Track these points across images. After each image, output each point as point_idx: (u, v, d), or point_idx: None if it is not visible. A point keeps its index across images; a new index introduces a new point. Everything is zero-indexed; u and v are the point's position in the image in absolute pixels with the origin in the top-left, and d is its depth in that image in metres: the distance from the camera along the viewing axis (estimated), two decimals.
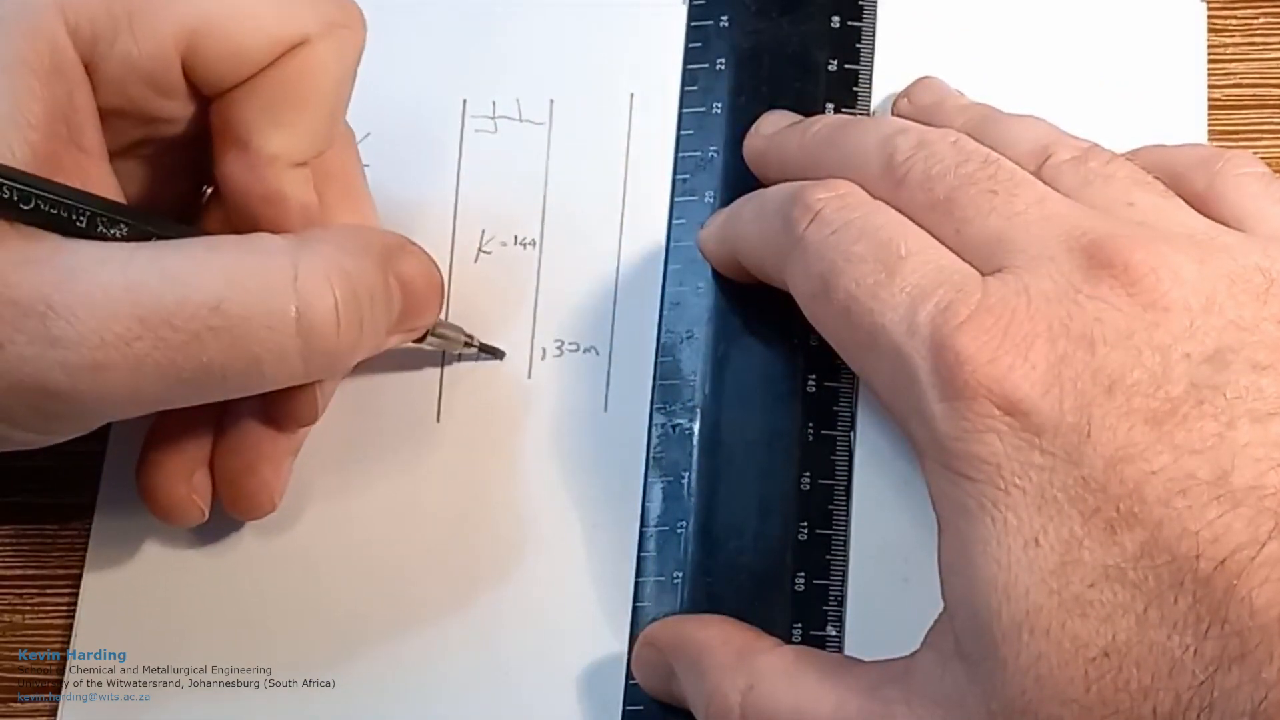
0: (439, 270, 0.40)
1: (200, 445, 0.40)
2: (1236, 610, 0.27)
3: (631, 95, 0.45)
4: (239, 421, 0.39)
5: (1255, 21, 0.45)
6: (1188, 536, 0.28)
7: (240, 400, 0.38)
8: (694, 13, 0.46)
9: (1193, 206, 0.35)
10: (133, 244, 0.34)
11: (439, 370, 0.43)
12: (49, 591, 0.42)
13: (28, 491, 0.43)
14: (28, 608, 0.42)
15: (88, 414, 0.35)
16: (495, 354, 0.43)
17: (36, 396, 0.33)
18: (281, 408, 0.39)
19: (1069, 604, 0.29)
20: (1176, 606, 0.28)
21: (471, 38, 0.46)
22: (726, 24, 0.45)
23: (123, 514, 0.42)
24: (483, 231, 0.45)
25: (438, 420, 0.43)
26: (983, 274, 0.33)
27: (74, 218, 0.34)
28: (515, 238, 0.45)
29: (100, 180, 0.35)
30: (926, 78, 0.43)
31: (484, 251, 0.44)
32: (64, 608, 0.42)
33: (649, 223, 0.44)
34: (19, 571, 0.43)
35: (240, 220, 0.37)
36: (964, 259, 0.33)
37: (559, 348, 0.43)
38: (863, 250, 0.34)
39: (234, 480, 0.39)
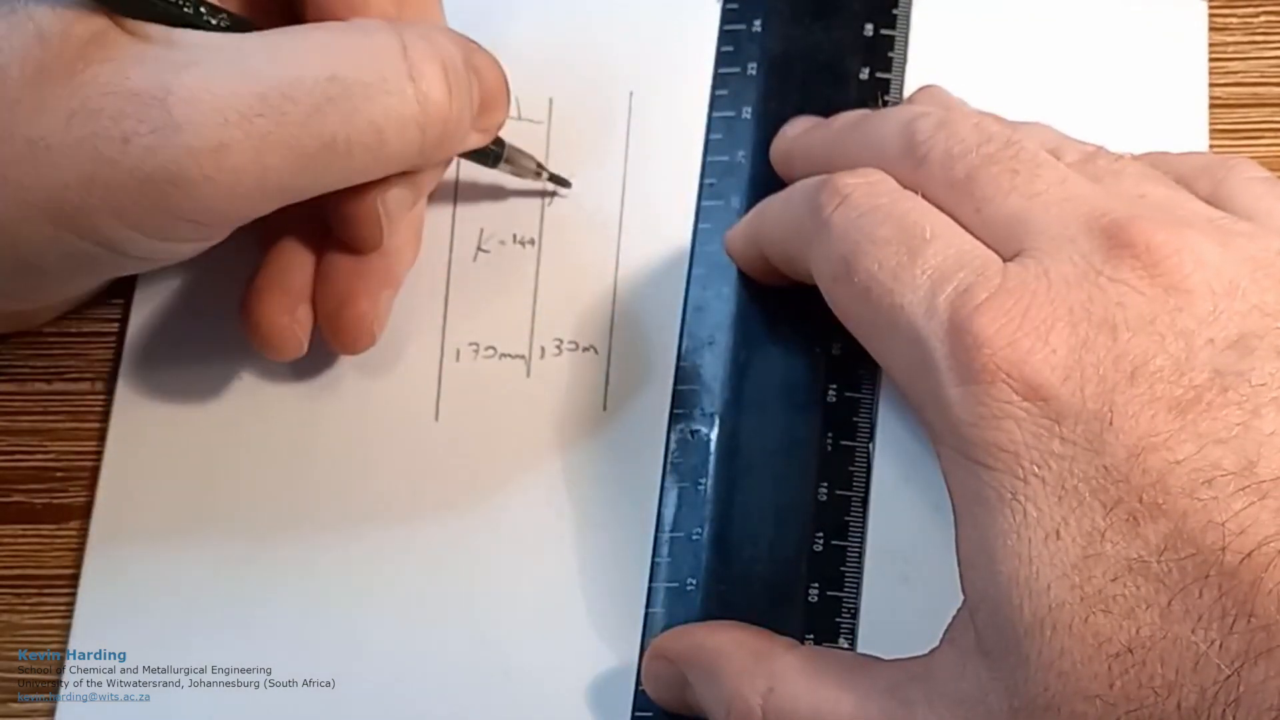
0: (504, 71, 0.41)
1: (303, 282, 0.41)
2: (1263, 603, 0.27)
3: (630, 94, 0.45)
4: (333, 257, 0.41)
5: (1255, 20, 0.45)
6: (1213, 528, 0.27)
7: (333, 236, 0.40)
8: (727, 16, 0.45)
9: None
10: (239, 33, 0.35)
11: (437, 369, 0.43)
12: (47, 591, 0.42)
13: (27, 491, 0.43)
14: (26, 607, 0.42)
15: (216, 209, 0.35)
16: (563, 184, 0.44)
17: (164, 190, 0.34)
18: (350, 229, 0.40)
19: (1091, 599, 0.28)
20: (1201, 600, 0.27)
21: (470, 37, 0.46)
22: (760, 29, 0.45)
23: (121, 514, 0.42)
24: (481, 230, 0.44)
25: (436, 419, 0.43)
26: (1003, 256, 0.32)
27: (181, 4, 0.35)
28: (514, 236, 0.44)
29: None
30: (929, 87, 0.43)
31: (483, 250, 0.44)
32: (63, 607, 0.41)
33: (649, 221, 0.44)
34: (17, 571, 0.42)
35: None
36: (984, 240, 0.33)
37: (558, 346, 0.43)
38: (888, 233, 0.34)
39: (332, 313, 0.41)
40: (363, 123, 0.35)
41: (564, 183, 0.44)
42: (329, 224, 0.40)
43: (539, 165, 0.44)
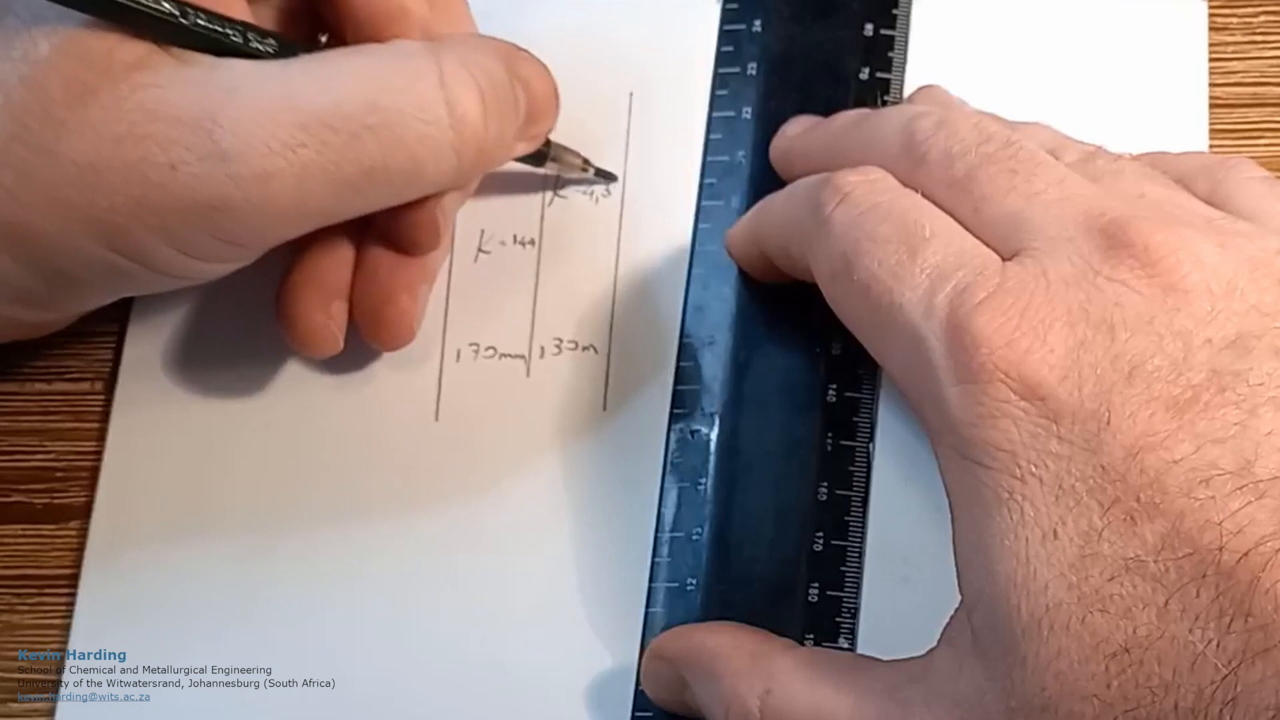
0: (553, 77, 0.41)
1: (339, 277, 0.41)
2: (1260, 603, 0.27)
3: (630, 94, 0.45)
4: (375, 254, 0.41)
5: (1255, 19, 0.45)
6: (1210, 528, 0.27)
7: (374, 233, 0.41)
8: (727, 16, 0.45)
9: None
10: (282, 59, 0.36)
11: (437, 369, 0.43)
12: (47, 591, 0.42)
13: (27, 491, 0.43)
14: (26, 607, 0.42)
15: (258, 232, 0.37)
16: (609, 178, 0.44)
17: (210, 215, 0.35)
18: (407, 235, 0.40)
19: (1089, 598, 0.28)
20: (1198, 599, 0.27)
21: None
22: (759, 29, 0.45)
23: (121, 514, 0.42)
24: (482, 231, 0.44)
25: (436, 419, 0.43)
26: (1002, 256, 0.32)
27: (228, 33, 0.35)
28: (514, 236, 0.44)
29: (241, 16, 0.37)
30: (929, 86, 0.43)
31: (483, 251, 0.44)
32: (62, 608, 0.41)
33: (649, 221, 0.44)
34: (17, 571, 0.42)
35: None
36: (983, 239, 0.33)
37: (558, 346, 0.43)
38: (888, 231, 0.34)
39: (374, 310, 0.41)
40: (400, 150, 0.36)
41: (610, 177, 0.44)
42: (375, 225, 0.41)
43: (585, 161, 0.44)
